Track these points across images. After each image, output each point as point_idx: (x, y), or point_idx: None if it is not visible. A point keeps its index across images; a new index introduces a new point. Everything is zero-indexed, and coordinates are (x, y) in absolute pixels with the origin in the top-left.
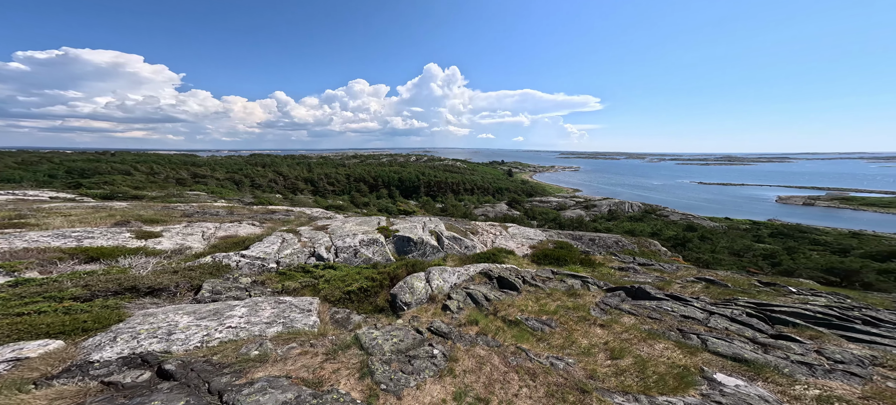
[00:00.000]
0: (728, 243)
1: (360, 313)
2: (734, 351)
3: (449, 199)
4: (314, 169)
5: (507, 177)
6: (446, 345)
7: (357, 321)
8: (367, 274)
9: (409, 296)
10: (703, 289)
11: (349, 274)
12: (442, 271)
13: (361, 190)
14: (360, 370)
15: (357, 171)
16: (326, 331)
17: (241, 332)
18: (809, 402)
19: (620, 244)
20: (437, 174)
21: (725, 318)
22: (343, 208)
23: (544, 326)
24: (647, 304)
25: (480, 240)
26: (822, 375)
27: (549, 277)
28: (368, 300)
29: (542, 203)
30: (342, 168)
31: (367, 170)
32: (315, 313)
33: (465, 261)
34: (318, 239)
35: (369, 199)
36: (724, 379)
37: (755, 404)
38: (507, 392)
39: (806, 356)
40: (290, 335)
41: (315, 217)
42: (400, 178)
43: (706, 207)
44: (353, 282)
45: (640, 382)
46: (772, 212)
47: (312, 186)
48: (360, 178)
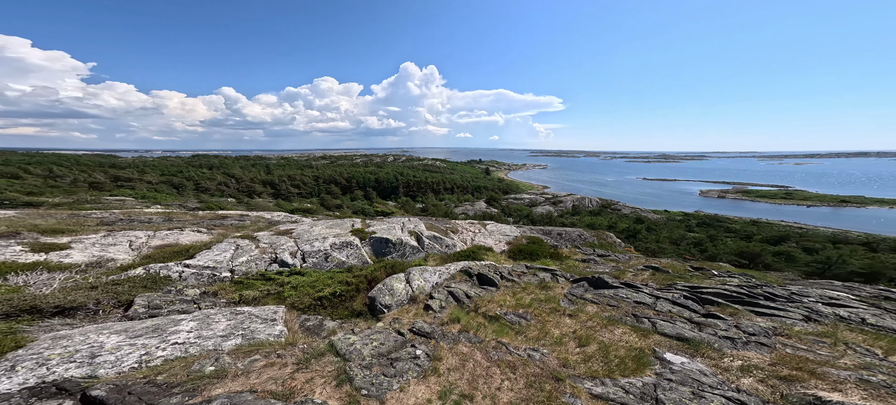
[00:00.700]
0: (668, 233)
1: (334, 319)
2: (677, 331)
3: (429, 198)
4: (274, 170)
5: (484, 175)
6: (429, 344)
7: (331, 327)
8: (340, 278)
9: (388, 299)
10: (651, 276)
11: (320, 279)
12: (423, 271)
13: (333, 192)
14: (337, 377)
15: (327, 172)
16: (296, 340)
17: (191, 348)
18: (736, 372)
19: (583, 237)
20: (417, 174)
21: (668, 302)
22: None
23: (521, 319)
24: (606, 293)
25: (461, 239)
26: (741, 347)
27: (523, 272)
28: (344, 305)
29: (516, 200)
30: (309, 170)
31: (338, 171)
32: (281, 322)
33: (445, 260)
34: (281, 244)
35: (343, 200)
36: (672, 357)
37: (697, 377)
38: (490, 386)
39: (729, 331)
40: (252, 347)
41: (277, 221)
42: (377, 179)
43: (649, 201)
44: (324, 287)
45: (604, 367)
46: (697, 204)
47: (273, 189)
48: (330, 180)
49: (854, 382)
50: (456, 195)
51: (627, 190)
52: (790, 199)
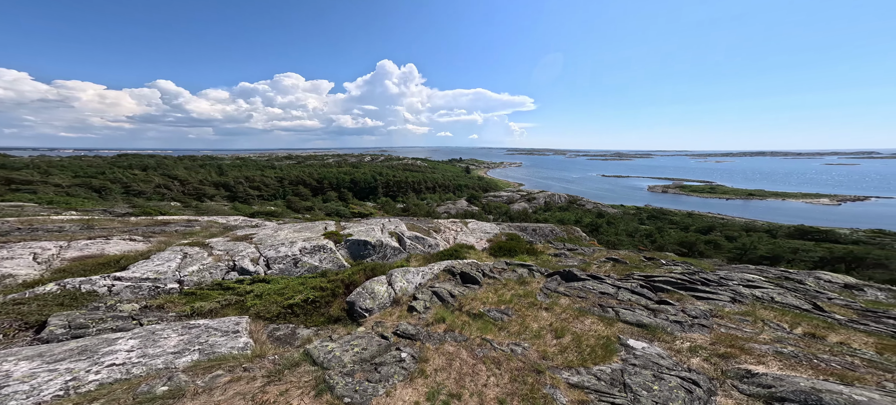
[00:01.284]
0: (624, 226)
1: (308, 327)
2: (636, 318)
3: (411, 198)
4: (229, 171)
5: (465, 174)
6: (415, 346)
7: (306, 335)
8: (314, 283)
9: (369, 302)
10: (612, 268)
11: (289, 286)
12: (405, 272)
13: (301, 194)
14: (316, 387)
15: (293, 172)
16: (265, 351)
17: (134, 369)
18: (686, 353)
19: (554, 232)
20: (397, 174)
21: (628, 291)
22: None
23: (503, 315)
24: (576, 285)
25: (443, 238)
26: (688, 330)
27: (503, 268)
28: (319, 311)
29: (495, 198)
30: (271, 170)
31: (307, 171)
32: (245, 333)
33: (429, 260)
34: (240, 250)
35: (313, 202)
36: (634, 343)
37: (656, 361)
38: (477, 383)
39: (677, 315)
40: (212, 362)
41: (234, 226)
42: (352, 180)
43: (608, 196)
44: (295, 294)
45: (578, 357)
46: (645, 198)
47: (228, 192)
48: (297, 181)
49: (772, 355)
50: (438, 194)
51: (589, 186)
52: (713, 193)
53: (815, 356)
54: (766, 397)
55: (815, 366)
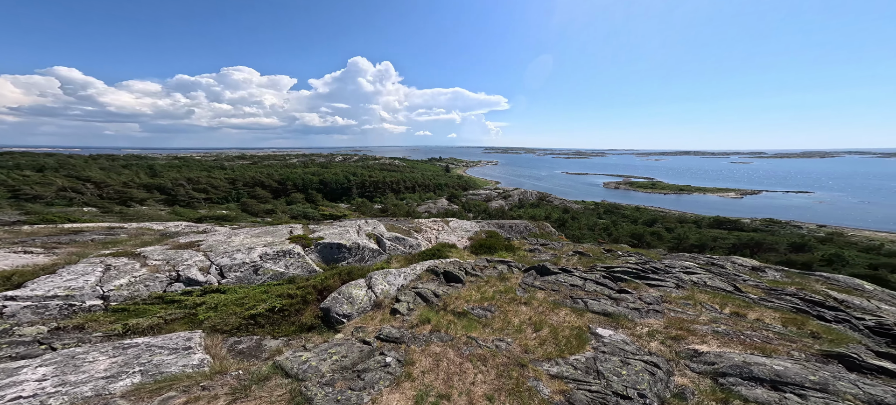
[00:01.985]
0: (586, 221)
1: (277, 338)
2: (602, 307)
3: (389, 198)
4: (164, 172)
5: (445, 173)
6: (400, 349)
7: (274, 347)
8: (280, 291)
9: (347, 307)
10: (578, 261)
11: (250, 295)
12: (386, 274)
13: (259, 196)
14: (291, 401)
15: (248, 173)
16: (226, 367)
17: (52, 401)
18: (645, 338)
19: (528, 228)
20: (374, 174)
21: (593, 282)
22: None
23: (487, 312)
24: (549, 279)
25: (425, 238)
26: (645, 316)
27: (485, 265)
28: (288, 320)
29: (474, 196)
30: (221, 171)
31: (266, 171)
32: (200, 349)
33: (411, 261)
34: (184, 259)
35: (275, 205)
36: (602, 331)
37: (622, 347)
38: (465, 382)
39: (635, 303)
40: (161, 384)
41: (175, 233)
42: (322, 180)
43: (572, 192)
44: (257, 303)
45: (556, 348)
46: (602, 194)
47: (165, 195)
48: (254, 182)
49: (711, 334)
50: (418, 194)
51: (555, 183)
52: (654, 189)
53: (741, 332)
54: (712, 373)
55: (743, 341)
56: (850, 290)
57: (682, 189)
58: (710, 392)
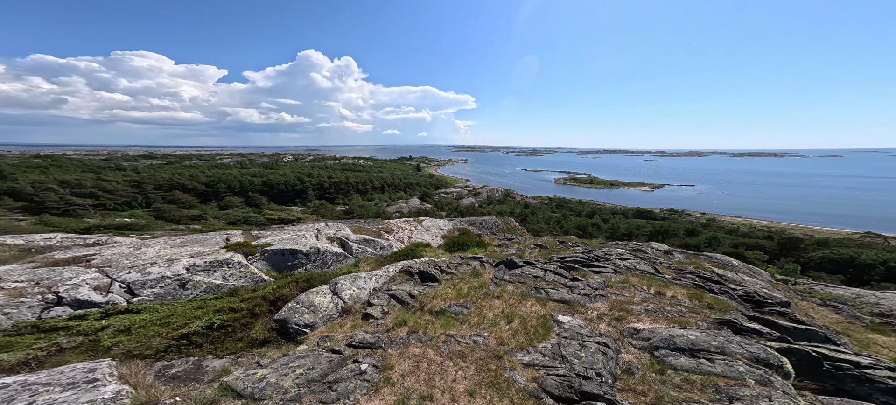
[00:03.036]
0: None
1: (220, 356)
2: (560, 296)
3: (355, 199)
4: (20, 174)
5: (416, 172)
6: (376, 355)
7: (220, 366)
8: (218, 305)
9: (309, 316)
10: (539, 253)
11: (178, 312)
12: (354, 278)
13: (181, 200)
14: None
15: (162, 174)
16: (156, 396)
17: None
18: (596, 321)
19: (496, 224)
20: (334, 174)
21: (552, 273)
22: (136, 228)
23: (463, 309)
24: (517, 272)
25: (397, 238)
26: (594, 300)
27: (459, 263)
28: (233, 337)
29: (446, 195)
30: (118, 173)
31: (187, 172)
32: (112, 380)
33: (382, 263)
34: (68, 278)
35: (204, 210)
36: (563, 318)
37: (579, 331)
38: (446, 380)
39: (585, 289)
40: None
41: (44, 246)
42: (266, 182)
43: (530, 188)
44: (189, 320)
45: (527, 338)
46: (554, 190)
47: (25, 202)
48: (171, 185)
49: (644, 312)
50: (388, 194)
51: (517, 180)
52: (592, 184)
53: (664, 309)
54: (648, 347)
55: (667, 316)
56: (724, 266)
57: (612, 184)
58: (649, 365)
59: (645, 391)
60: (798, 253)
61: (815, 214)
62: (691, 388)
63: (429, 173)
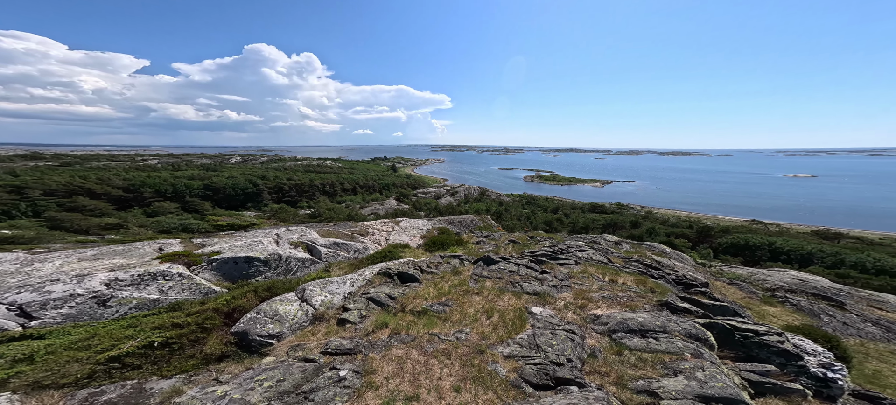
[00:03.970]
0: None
1: (168, 376)
2: (533, 288)
3: (321, 202)
4: None
5: (392, 172)
6: (356, 360)
7: (168, 387)
8: (157, 322)
9: (274, 326)
10: (513, 248)
11: (102, 332)
12: (326, 284)
13: (86, 207)
14: None
15: (56, 178)
16: None
17: None
18: (563, 310)
19: (474, 222)
20: (296, 175)
21: (524, 266)
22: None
23: (445, 307)
24: (494, 268)
25: (373, 240)
26: (561, 291)
27: (439, 262)
28: (181, 354)
29: (424, 194)
30: None
31: (95, 175)
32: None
33: (357, 266)
34: None
35: (125, 218)
36: (535, 310)
37: (550, 321)
38: (432, 379)
39: (553, 281)
40: None
41: None
42: (209, 186)
43: (503, 186)
44: (118, 342)
45: (506, 331)
46: (523, 187)
47: None
48: (69, 190)
49: (602, 299)
50: (361, 195)
51: (491, 178)
52: (555, 181)
53: (617, 296)
54: (607, 331)
55: (620, 302)
56: (661, 254)
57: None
58: (609, 347)
59: (608, 372)
60: (711, 239)
61: (717, 205)
62: (644, 366)
63: (405, 173)
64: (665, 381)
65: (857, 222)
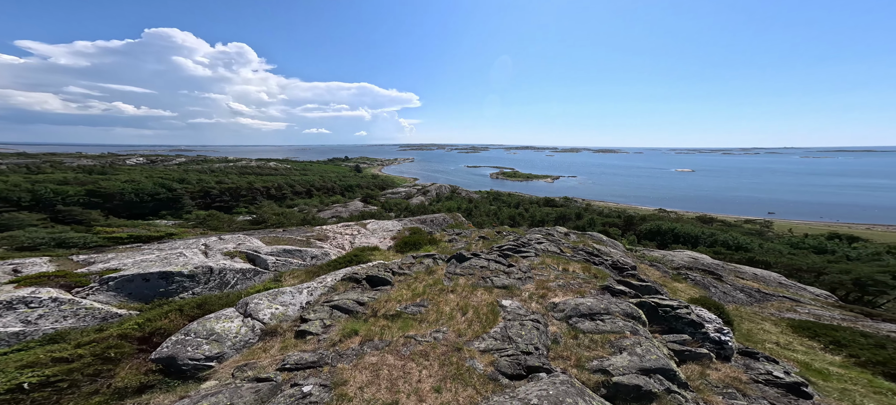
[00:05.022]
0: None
1: None
2: (502, 282)
3: (267, 206)
4: None
5: (356, 173)
6: (322, 373)
7: None
8: (28, 358)
9: (211, 347)
10: (483, 244)
11: None
12: (277, 295)
13: None
14: None
15: None
16: None
17: None
18: (527, 300)
19: (445, 221)
20: (229, 178)
21: (493, 261)
22: None
23: (420, 308)
24: (466, 265)
25: (334, 245)
26: (525, 282)
27: (412, 262)
28: (76, 393)
29: (394, 195)
30: None
31: None
32: None
33: (315, 274)
34: None
35: None
36: (505, 303)
37: (518, 312)
38: (411, 382)
39: (518, 273)
40: None
41: None
42: (96, 191)
43: (472, 183)
44: None
45: (480, 326)
46: (490, 183)
47: None
48: None
49: (558, 288)
50: (318, 198)
51: (461, 176)
52: (516, 178)
53: (570, 283)
54: (564, 317)
55: (573, 289)
56: (600, 242)
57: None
58: (567, 332)
59: (568, 356)
60: (634, 227)
61: (634, 196)
62: (596, 346)
63: (371, 174)
64: (613, 359)
65: (717, 208)
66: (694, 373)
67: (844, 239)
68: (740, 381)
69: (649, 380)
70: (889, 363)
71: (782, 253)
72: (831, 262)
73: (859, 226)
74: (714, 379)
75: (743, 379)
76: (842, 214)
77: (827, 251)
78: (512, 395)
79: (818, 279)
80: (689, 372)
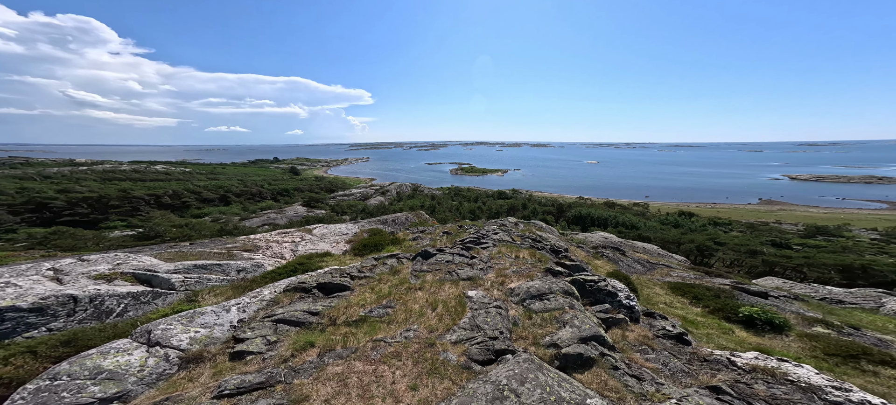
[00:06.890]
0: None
1: None
2: (466, 274)
3: (159, 218)
4: None
5: (292, 176)
6: (275, 392)
7: None
8: None
9: (105, 387)
10: (447, 240)
11: None
12: (193, 316)
13: None
14: None
15: None
16: None
17: None
18: (490, 289)
19: (409, 219)
20: (84, 185)
21: (457, 255)
22: None
23: (387, 309)
24: (432, 261)
25: (270, 254)
26: (486, 272)
27: (374, 264)
28: None
29: (346, 196)
30: None
31: None
32: None
33: (247, 288)
34: None
35: None
36: (471, 293)
37: (483, 301)
38: (384, 385)
39: (480, 264)
40: None
41: None
42: None
43: (434, 180)
44: None
45: (450, 319)
46: (451, 179)
47: None
48: None
49: (513, 274)
50: (238, 205)
51: (422, 174)
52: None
53: (521, 269)
54: (519, 300)
55: (523, 273)
56: (540, 229)
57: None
58: (523, 314)
59: (527, 335)
60: (564, 213)
61: (560, 186)
62: (547, 324)
63: (314, 176)
64: (560, 333)
65: (615, 193)
66: (617, 336)
67: (686, 214)
68: (648, 338)
69: (588, 347)
70: (725, 309)
71: (657, 229)
72: (683, 234)
73: (690, 204)
74: (631, 339)
75: (649, 336)
76: (684, 195)
77: (679, 225)
78: (485, 380)
79: (679, 248)
80: (613, 336)
